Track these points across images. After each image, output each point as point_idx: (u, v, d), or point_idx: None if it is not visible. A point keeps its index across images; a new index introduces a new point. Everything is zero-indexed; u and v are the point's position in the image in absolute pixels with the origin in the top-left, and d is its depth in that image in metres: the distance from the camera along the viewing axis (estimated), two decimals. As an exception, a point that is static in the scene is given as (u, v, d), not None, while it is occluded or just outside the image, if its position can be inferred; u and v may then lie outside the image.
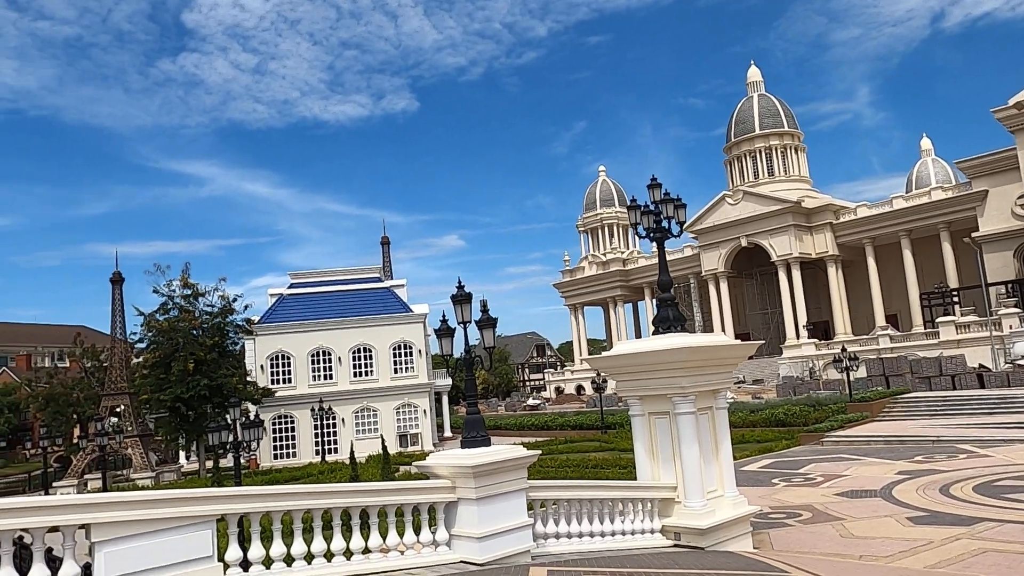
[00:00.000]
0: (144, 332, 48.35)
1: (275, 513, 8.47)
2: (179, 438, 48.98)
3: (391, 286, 61.19)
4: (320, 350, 55.25)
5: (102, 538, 7.16)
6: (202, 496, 7.98)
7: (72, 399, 69.49)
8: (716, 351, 12.71)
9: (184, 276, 49.14)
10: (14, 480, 62.68)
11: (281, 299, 58.08)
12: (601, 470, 28.92)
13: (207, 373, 45.54)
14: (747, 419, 41.32)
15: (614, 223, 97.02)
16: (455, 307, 10.98)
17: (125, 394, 52.79)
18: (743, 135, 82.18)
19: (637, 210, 13.44)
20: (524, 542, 10.06)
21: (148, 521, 7.40)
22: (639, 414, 12.87)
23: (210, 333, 47.56)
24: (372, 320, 56.14)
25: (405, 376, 56.12)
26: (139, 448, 51.42)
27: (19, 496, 36.92)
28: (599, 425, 49.60)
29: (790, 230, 72.11)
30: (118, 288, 53.81)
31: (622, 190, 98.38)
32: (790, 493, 20.89)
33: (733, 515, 12.49)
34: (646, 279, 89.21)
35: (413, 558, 9.50)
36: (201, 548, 7.74)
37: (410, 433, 54.75)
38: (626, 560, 10.24)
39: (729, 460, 13.03)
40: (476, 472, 9.54)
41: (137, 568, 7.30)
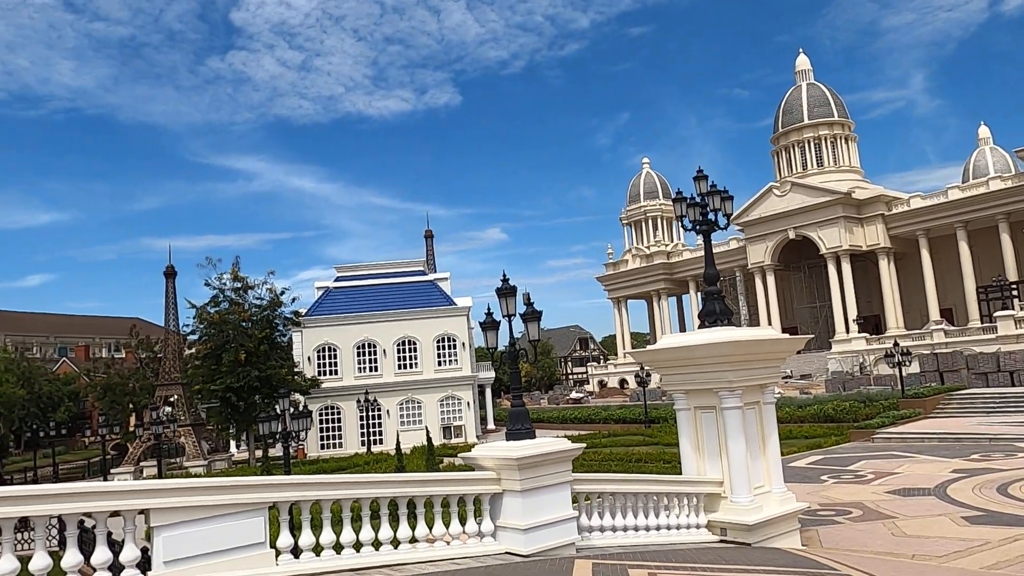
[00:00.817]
0: (196, 324, 49.61)
1: (324, 502, 8.64)
2: (229, 427, 50.19)
3: (435, 279, 61.64)
4: (365, 342, 55.98)
5: (160, 523, 7.41)
6: (255, 484, 8.19)
7: (128, 389, 71.86)
8: (763, 345, 12.53)
9: (234, 269, 50.29)
10: (74, 466, 65.00)
11: (327, 292, 58.97)
12: (645, 464, 28.79)
13: (257, 364, 46.53)
14: (794, 414, 40.64)
15: (658, 215, 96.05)
16: (500, 300, 11.02)
17: (178, 384, 54.33)
18: (791, 125, 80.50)
19: (683, 202, 13.30)
20: (569, 535, 10.09)
21: (204, 507, 7.63)
22: (684, 408, 12.77)
23: (259, 325, 48.57)
24: (416, 313, 56.64)
25: (449, 369, 56.52)
26: (192, 437, 52.89)
27: (79, 482, 38.25)
28: (643, 419, 49.31)
29: (840, 222, 70.48)
30: (171, 281, 55.36)
31: (666, 182, 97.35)
32: (839, 490, 20.51)
33: (781, 511, 12.33)
34: (691, 272, 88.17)
35: (459, 548, 9.61)
36: (254, 534, 7.95)
37: (454, 425, 55.17)
38: (671, 554, 10.19)
39: (777, 456, 12.86)
40: (521, 464, 9.59)
41: (193, 552, 7.53)
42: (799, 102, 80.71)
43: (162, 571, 7.38)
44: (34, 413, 68.29)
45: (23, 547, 12.09)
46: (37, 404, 70.34)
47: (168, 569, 7.39)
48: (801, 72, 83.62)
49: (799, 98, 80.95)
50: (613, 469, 26.90)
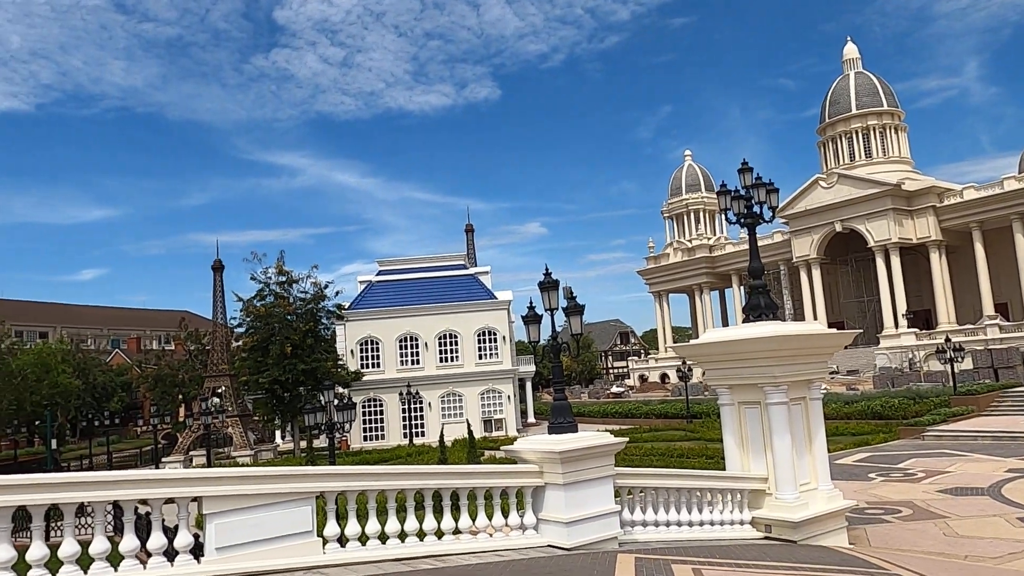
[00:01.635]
0: (243, 317, 50.59)
1: (370, 492, 8.78)
2: (275, 418, 51.15)
3: (476, 273, 61.88)
4: (407, 336, 56.49)
5: (212, 510, 7.62)
6: (303, 474, 8.37)
7: (178, 380, 73.81)
8: (810, 340, 12.34)
9: (279, 263, 51.12)
10: (127, 455, 66.97)
11: (370, 286, 59.63)
12: (687, 460, 28.59)
13: (302, 357, 47.30)
14: (841, 411, 39.87)
15: (700, 208, 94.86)
16: (542, 294, 11.04)
17: (226, 376, 55.57)
18: (838, 115, 78.67)
19: (727, 195, 13.15)
20: (611, 528, 10.09)
21: (254, 496, 7.82)
22: (728, 403, 12.64)
23: (304, 319, 49.34)
24: (457, 307, 56.96)
25: (489, 362, 56.74)
26: (239, 427, 54.09)
27: (133, 469, 39.41)
28: (684, 414, 48.90)
29: (889, 214, 68.72)
30: (219, 275, 56.61)
31: (709, 175, 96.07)
32: (888, 488, 20.08)
33: (827, 509, 12.14)
34: (733, 266, 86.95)
35: (501, 540, 9.68)
36: (302, 523, 8.13)
37: (494, 418, 55.41)
38: (715, 550, 10.11)
39: (823, 452, 12.66)
40: (563, 458, 9.61)
41: (244, 539, 7.74)
42: (847, 91, 78.82)
43: (214, 557, 7.59)
44: (89, 403, 70.61)
45: (81, 532, 12.51)
46: (92, 394, 72.67)
47: (220, 555, 7.61)
48: (849, 61, 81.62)
49: (847, 87, 79.06)
50: (654, 464, 26.75)
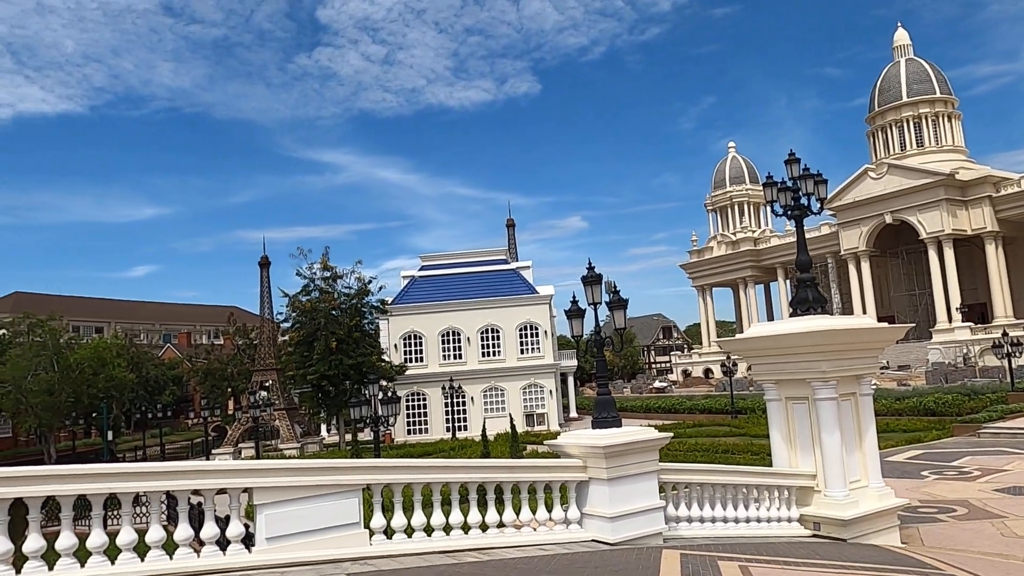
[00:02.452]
0: (289, 312, 51.48)
1: (415, 485, 8.87)
2: (321, 412, 51.95)
3: (517, 268, 61.92)
4: (450, 330, 56.83)
5: (263, 501, 7.79)
6: (350, 467, 8.49)
7: (226, 374, 75.48)
8: (859, 334, 12.06)
9: (324, 260, 51.85)
10: (179, 447, 68.83)
11: (413, 281, 60.13)
12: (732, 455, 28.23)
13: (347, 352, 47.94)
14: (892, 407, 38.92)
15: (744, 201, 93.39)
16: (585, 288, 10.99)
17: (273, 370, 56.66)
18: (888, 103, 76.60)
19: (773, 187, 12.91)
20: (656, 524, 10.02)
21: (303, 488, 7.97)
22: (775, 399, 12.45)
23: (348, 313, 49.99)
24: (499, 301, 57.06)
25: (531, 357, 56.77)
26: (286, 420, 55.13)
27: (185, 461, 40.47)
28: (729, 409, 48.28)
29: (942, 205, 66.73)
30: (265, 271, 57.69)
31: (753, 166, 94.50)
32: (942, 487, 19.55)
33: (878, 507, 11.88)
34: (779, 259, 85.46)
35: (545, 535, 9.69)
36: (349, 514, 8.25)
37: (536, 413, 55.43)
38: (762, 547, 9.97)
39: (874, 449, 12.38)
40: (607, 453, 9.58)
41: (293, 530, 7.89)
42: (897, 79, 76.68)
43: (264, 547, 7.76)
44: (142, 396, 72.70)
45: (135, 522, 12.92)
46: (145, 387, 74.79)
47: (270, 545, 7.77)
48: (900, 47, 79.39)
49: (897, 75, 76.91)
50: (699, 459, 26.48)
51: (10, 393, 51.35)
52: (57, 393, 52.38)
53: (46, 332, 55.53)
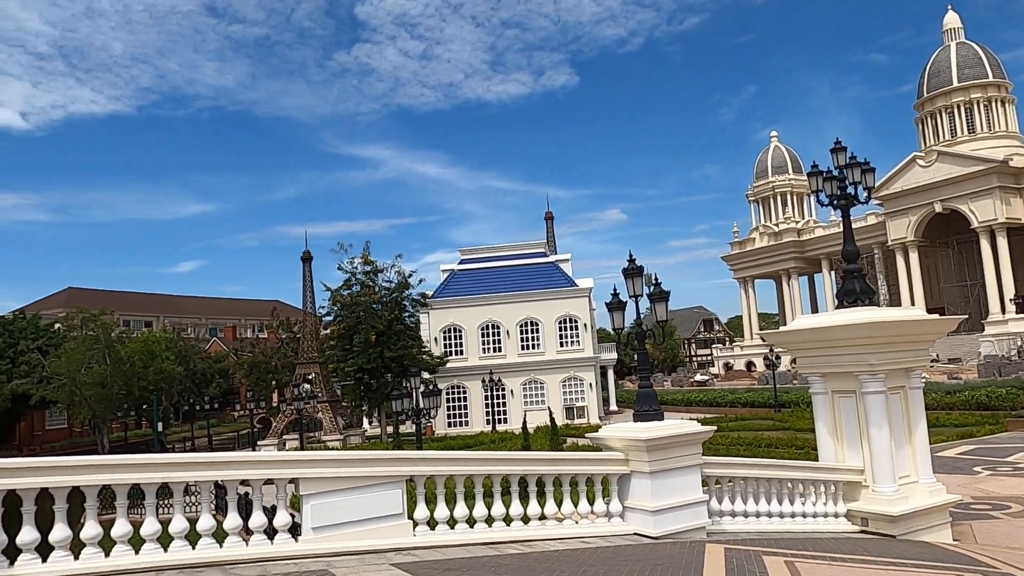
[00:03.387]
0: (330, 306, 52.17)
1: (458, 477, 8.93)
2: (363, 404, 52.57)
3: (556, 260, 61.79)
4: (489, 323, 56.99)
5: (308, 492, 7.92)
6: (394, 458, 8.58)
7: (271, 366, 76.84)
8: (909, 327, 11.76)
9: (364, 254, 52.39)
10: (225, 438, 70.34)
11: (452, 274, 60.42)
12: (775, 450, 27.86)
13: (388, 345, 48.43)
14: (942, 401, 37.91)
15: (787, 191, 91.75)
16: (626, 280, 10.92)
17: (316, 363, 57.51)
18: (938, 89, 74.40)
19: (819, 176, 12.65)
20: (699, 518, 9.94)
21: (348, 479, 8.09)
22: (821, 392, 12.22)
23: (389, 307, 50.46)
24: (538, 294, 57.04)
25: (571, 350, 56.65)
26: (329, 412, 55.96)
27: (232, 452, 41.30)
28: (772, 403, 47.58)
29: (995, 192, 64.65)
30: (308, 266, 58.52)
31: (796, 156, 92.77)
32: (995, 483, 19.00)
33: (929, 503, 11.60)
34: (823, 250, 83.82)
35: (587, 527, 9.68)
36: (393, 505, 8.34)
37: (576, 406, 55.34)
38: (808, 543, 9.82)
39: (924, 444, 12.08)
40: (649, 446, 9.52)
41: (338, 520, 8.01)
42: (947, 63, 74.41)
43: (310, 536, 7.89)
44: (190, 388, 74.34)
45: (185, 511, 13.26)
46: (192, 380, 76.50)
47: (316, 535, 7.90)
48: (950, 31, 76.98)
49: (947, 59, 74.63)
50: (741, 453, 26.16)
51: (65, 385, 53.04)
52: (109, 385, 53.92)
53: (98, 326, 57.13)
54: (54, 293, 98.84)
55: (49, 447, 60.97)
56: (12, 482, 6.68)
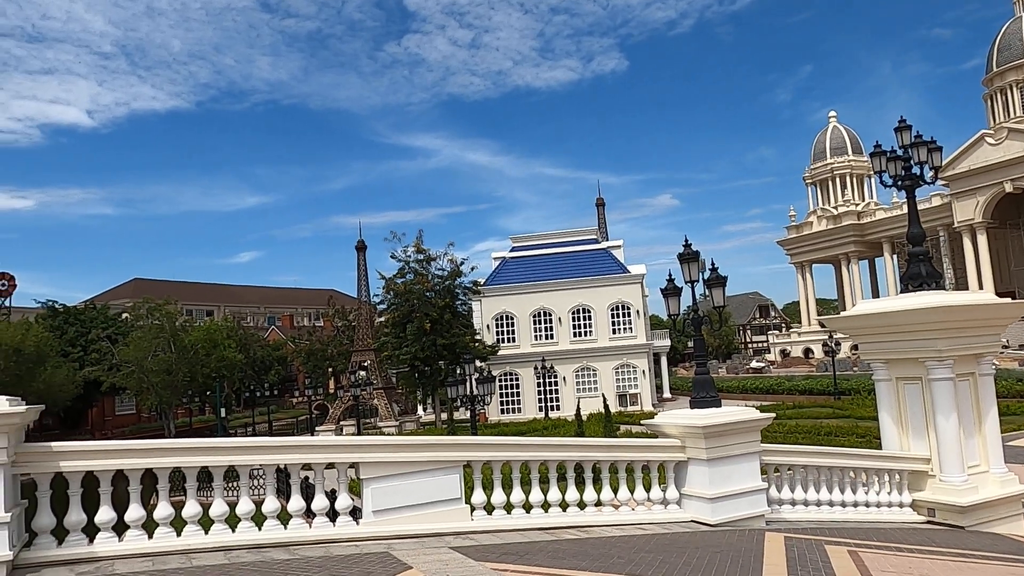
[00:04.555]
0: (384, 294, 52.91)
1: (514, 463, 8.99)
2: (417, 391, 53.28)
3: (608, 247, 61.37)
4: (541, 311, 57.02)
5: (368, 476, 8.07)
6: (451, 443, 8.70)
7: (327, 354, 78.47)
8: (979, 311, 11.35)
9: (417, 242, 52.94)
10: (284, 424, 72.22)
11: (504, 262, 60.58)
12: (835, 438, 27.28)
13: (441, 332, 48.92)
14: (1013, 388, 36.59)
15: (846, 173, 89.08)
16: (682, 265, 10.79)
17: (371, 350, 58.47)
18: (1009, 63, 71.11)
19: (882, 156, 12.25)
20: (758, 506, 9.81)
21: (406, 463, 8.22)
22: (885, 379, 11.90)
23: (441, 295, 50.93)
24: (590, 281, 56.79)
25: (623, 336, 56.30)
26: (384, 399, 56.89)
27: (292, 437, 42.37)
28: (831, 391, 46.55)
29: (1070, 171, 61.67)
30: (362, 255, 59.45)
31: (856, 136, 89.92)
32: (1071, 473, 18.20)
33: (1000, 494, 11.21)
34: (885, 233, 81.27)
35: (643, 514, 9.65)
36: (450, 490, 8.45)
37: (629, 393, 55.05)
38: (872, 533, 9.60)
39: (995, 433, 11.67)
40: (707, 433, 9.42)
41: (397, 504, 8.15)
42: (1018, 35, 71.02)
43: (371, 519, 8.06)
44: (250, 375, 76.49)
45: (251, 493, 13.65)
46: (252, 367, 78.68)
47: (376, 518, 8.06)
48: (1021, 1, 73.42)
49: (1018, 31, 71.21)
50: (800, 442, 25.67)
51: (133, 372, 55.16)
52: (174, 372, 55.87)
53: (163, 316, 59.17)
54: (121, 284, 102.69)
55: (119, 432, 63.56)
56: (90, 464, 6.99)
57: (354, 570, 6.52)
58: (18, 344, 46.52)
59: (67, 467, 6.90)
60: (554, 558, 7.34)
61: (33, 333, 50.15)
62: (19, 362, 46.21)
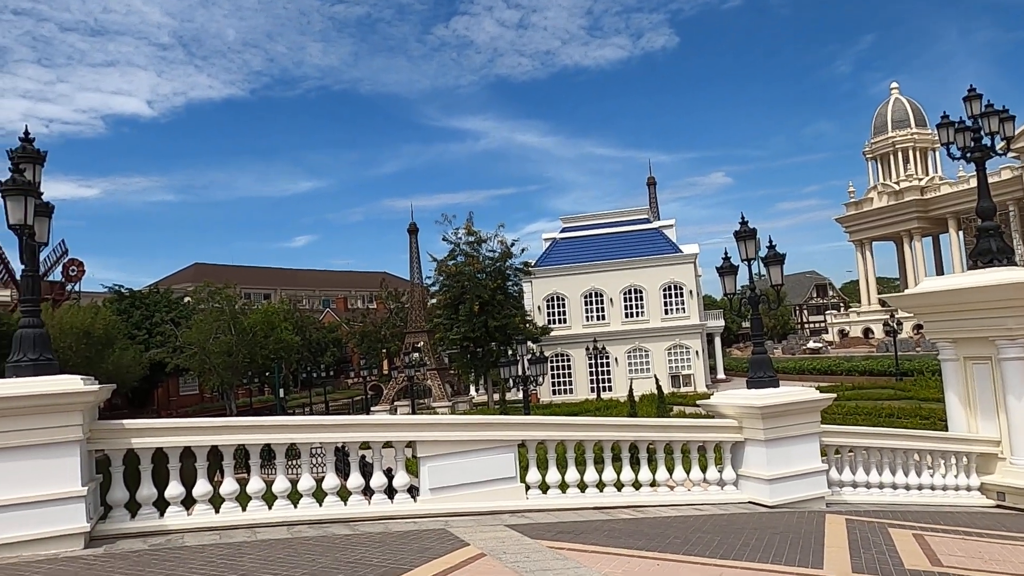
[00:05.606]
0: (436, 276, 53.36)
1: (568, 442, 9.01)
2: (470, 372, 53.74)
3: (660, 226, 60.63)
4: (592, 291, 56.76)
5: (426, 454, 8.20)
6: (506, 423, 8.75)
7: (381, 336, 79.65)
8: (1054, 287, 10.85)
9: (468, 224, 53.14)
10: (340, 404, 73.69)
11: (554, 243, 60.41)
12: (897, 420, 26.61)
13: (492, 314, 49.16)
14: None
15: (909, 146, 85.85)
16: (738, 243, 10.57)
17: (423, 332, 59.16)
18: (1086, 27, 67.31)
19: (950, 127, 11.78)
20: (818, 488, 9.64)
21: (463, 442, 8.32)
22: (951, 359, 11.52)
23: (492, 276, 51.11)
24: (642, 261, 56.22)
25: (676, 317, 55.70)
26: (437, 380, 57.58)
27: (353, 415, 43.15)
28: (892, 371, 45.29)
29: None
30: (414, 237, 60.01)
31: (920, 108, 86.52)
32: None
33: (1076, 477, 10.77)
34: (950, 208, 78.20)
35: (699, 495, 9.58)
36: (506, 469, 8.53)
37: (682, 374, 54.52)
38: (938, 516, 9.34)
39: (1071, 414, 11.18)
40: (764, 413, 9.28)
41: (453, 482, 8.26)
42: (1097, -2, 67.16)
43: (428, 497, 8.19)
44: (307, 357, 78.17)
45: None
46: (308, 349, 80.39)
47: (433, 495, 8.19)
48: (1101, -39, 69.33)
49: (1098, -7, 67.34)
50: (860, 423, 25.08)
51: (196, 354, 56.98)
52: (235, 354, 57.49)
53: (223, 299, 60.84)
54: (182, 269, 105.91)
55: (183, 411, 65.85)
56: (159, 441, 7.26)
57: (413, 546, 6.64)
58: (88, 327, 48.47)
59: (138, 444, 7.18)
60: (609, 537, 7.35)
61: (101, 317, 52.16)
62: (89, 344, 48.15)
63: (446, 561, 6.05)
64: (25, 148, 7.36)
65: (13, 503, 6.25)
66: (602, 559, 6.26)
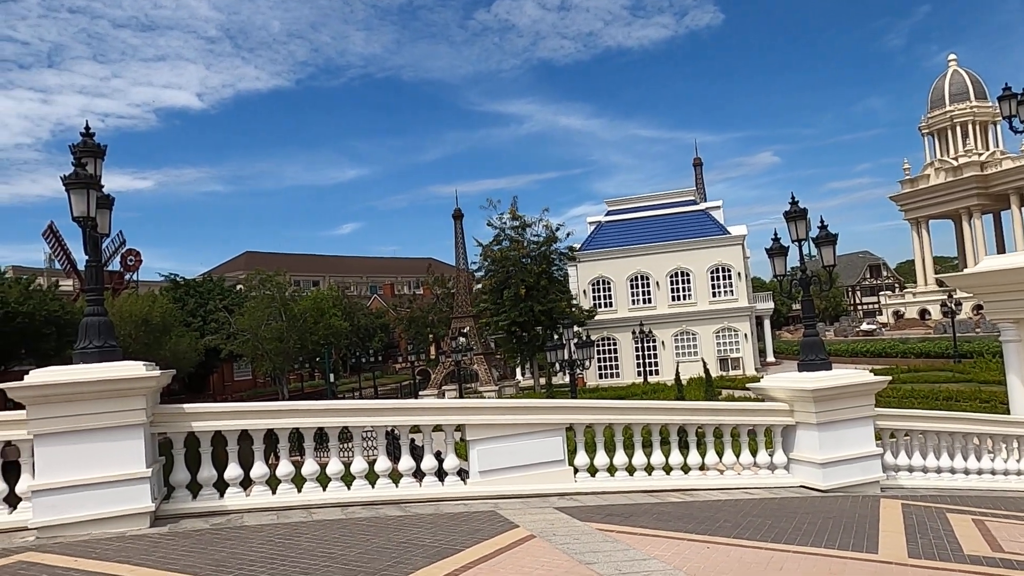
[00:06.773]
0: (481, 262, 53.57)
1: (616, 425, 9.01)
2: (516, 356, 53.94)
3: (707, 208, 59.71)
4: (638, 275, 56.32)
5: (475, 437, 8.30)
6: (554, 407, 8.79)
7: (427, 321, 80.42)
8: (1125, 265, 10.42)
9: (512, 209, 53.10)
10: (388, 389, 74.79)
11: (599, 226, 60.04)
12: (955, 403, 25.91)
13: (537, 298, 49.20)
14: None
15: (968, 120, 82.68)
16: (788, 224, 10.39)
17: (470, 317, 59.54)
18: None
19: (1012, 99, 11.35)
20: (872, 472, 9.47)
21: (511, 425, 8.39)
22: (1013, 340, 11.18)
23: (537, 261, 51.09)
24: (688, 243, 55.54)
25: (724, 300, 54.95)
26: (484, 364, 57.96)
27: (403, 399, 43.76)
28: (950, 354, 44.02)
29: None
30: (459, 223, 60.26)
31: (980, 80, 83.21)
32: None
33: None
34: (1013, 184, 75.24)
35: (750, 479, 9.50)
36: (554, 452, 8.58)
37: (731, 357, 53.84)
38: (999, 501, 9.10)
39: None
40: (817, 396, 9.14)
41: (502, 465, 8.35)
42: None
43: (477, 479, 8.30)
44: (355, 342, 79.43)
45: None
46: (357, 335, 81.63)
47: (482, 478, 8.29)
48: None
49: None
50: (916, 406, 24.48)
51: (249, 340, 58.44)
52: (286, 340, 58.78)
53: (274, 286, 62.14)
54: (234, 257, 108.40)
55: (237, 396, 67.66)
56: (218, 424, 7.50)
57: (463, 527, 6.75)
58: (146, 315, 50.12)
59: (198, 427, 7.43)
60: (659, 520, 7.35)
61: (159, 305, 53.85)
62: (147, 331, 49.81)
63: (496, 542, 6.13)
64: (86, 143, 7.61)
65: (83, 483, 6.55)
66: (652, 542, 6.27)
